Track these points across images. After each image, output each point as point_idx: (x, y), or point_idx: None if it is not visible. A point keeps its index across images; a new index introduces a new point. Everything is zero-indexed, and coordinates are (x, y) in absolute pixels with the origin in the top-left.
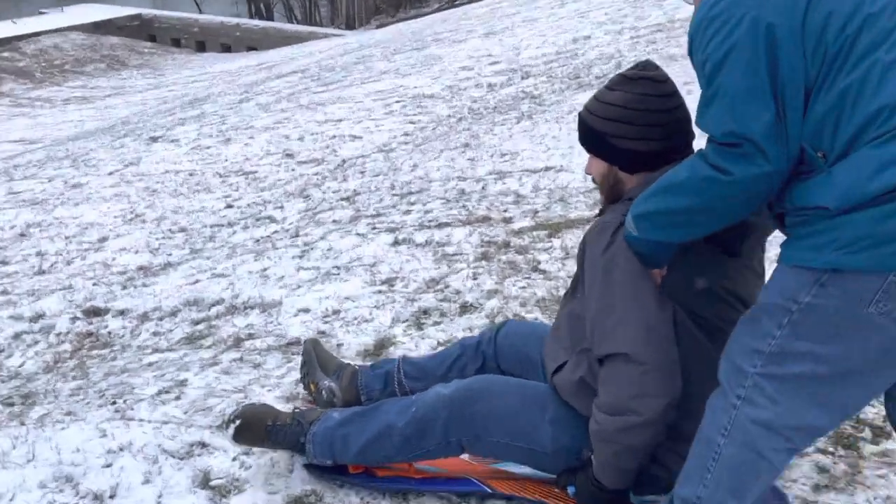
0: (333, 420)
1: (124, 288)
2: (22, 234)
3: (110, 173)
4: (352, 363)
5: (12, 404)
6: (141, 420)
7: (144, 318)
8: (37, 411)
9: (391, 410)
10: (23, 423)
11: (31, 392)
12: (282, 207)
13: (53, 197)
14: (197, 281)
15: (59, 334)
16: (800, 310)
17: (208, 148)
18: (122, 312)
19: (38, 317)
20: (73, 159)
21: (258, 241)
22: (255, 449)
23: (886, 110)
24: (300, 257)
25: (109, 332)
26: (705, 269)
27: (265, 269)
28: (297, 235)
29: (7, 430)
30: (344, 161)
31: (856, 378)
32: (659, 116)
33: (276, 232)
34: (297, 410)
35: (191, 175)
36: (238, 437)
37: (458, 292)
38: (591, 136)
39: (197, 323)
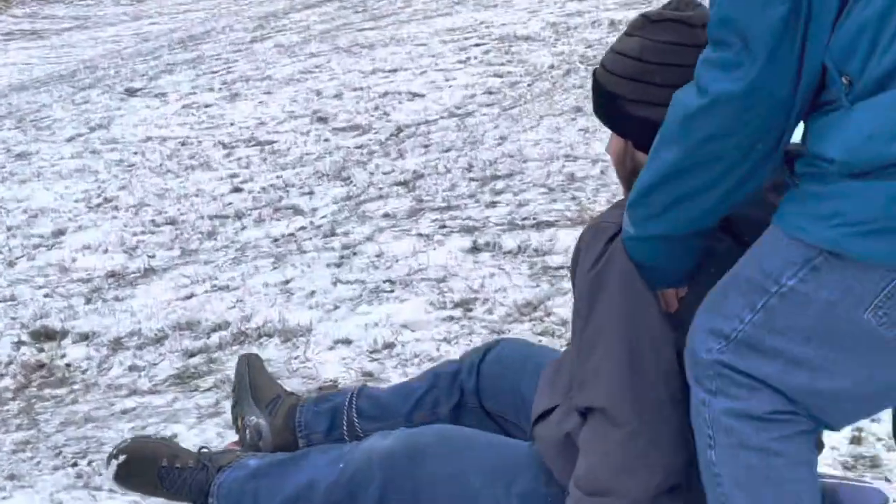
0: (247, 469)
1: (89, 302)
2: None
3: (70, 139)
4: (296, 393)
5: None
6: (112, 491)
7: (117, 345)
8: None
9: (317, 463)
10: None
11: None
12: (311, 194)
13: None
14: (191, 295)
15: None
16: (780, 294)
17: (208, 106)
18: (85, 337)
19: None
20: (17, 118)
21: (277, 240)
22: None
23: None
24: (337, 266)
25: (68, 365)
26: None
27: (287, 282)
28: (332, 234)
29: None
30: (399, 129)
31: (841, 398)
32: (688, 74)
33: (302, 228)
34: (203, 451)
35: (183, 144)
36: (120, 480)
37: (564, 322)
38: (603, 99)
39: (191, 355)
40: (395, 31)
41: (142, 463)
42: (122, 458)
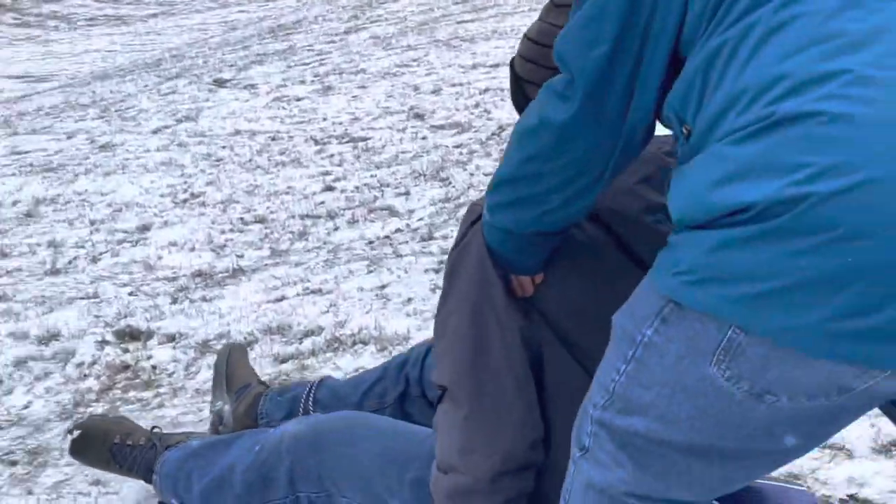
0: (188, 449)
1: (175, 302)
2: (28, 214)
3: (156, 131)
4: (266, 382)
5: (14, 463)
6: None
7: (205, 348)
8: (50, 476)
9: (242, 446)
10: (30, 493)
11: (40, 447)
12: (407, 194)
13: (74, 162)
14: (282, 298)
15: (80, 365)
16: (643, 344)
17: (299, 100)
18: (171, 338)
19: (51, 337)
20: (102, 108)
21: (372, 243)
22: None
23: (748, 94)
24: (436, 271)
25: (154, 367)
26: (599, 286)
27: (384, 287)
28: (430, 238)
29: (7, 501)
30: (502, 128)
31: (716, 456)
32: None
33: (398, 231)
34: (155, 430)
35: (273, 139)
36: (76, 454)
37: None
38: (511, 82)
39: (282, 360)
40: (498, 24)
41: (95, 439)
42: (76, 433)
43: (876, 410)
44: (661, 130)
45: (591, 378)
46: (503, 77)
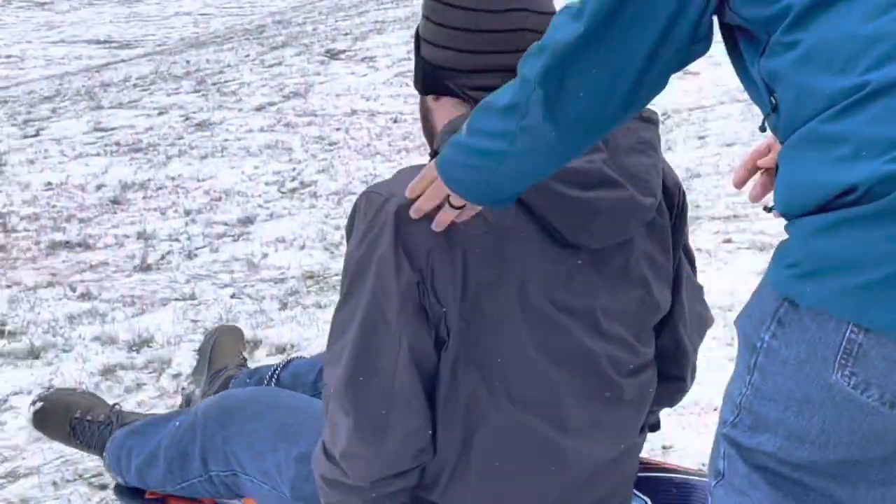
0: (134, 427)
1: (284, 307)
2: (114, 201)
3: (259, 108)
4: (248, 365)
5: (104, 487)
6: None
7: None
8: None
9: (171, 422)
10: None
11: None
12: None
13: (166, 142)
14: None
15: (176, 376)
16: (764, 351)
17: None
18: (281, 349)
19: (143, 342)
20: (197, 80)
21: None
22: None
23: (837, 62)
24: None
25: None
26: (505, 265)
27: None
28: None
29: None
30: (666, 115)
31: (860, 480)
32: (470, 17)
33: None
34: (116, 408)
35: (395, 121)
36: (37, 424)
37: None
38: (414, 45)
39: None
40: None
41: (56, 412)
42: (39, 404)
43: None
44: None
45: (485, 382)
46: None
